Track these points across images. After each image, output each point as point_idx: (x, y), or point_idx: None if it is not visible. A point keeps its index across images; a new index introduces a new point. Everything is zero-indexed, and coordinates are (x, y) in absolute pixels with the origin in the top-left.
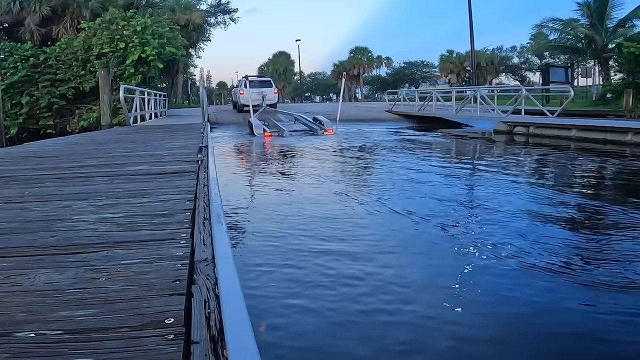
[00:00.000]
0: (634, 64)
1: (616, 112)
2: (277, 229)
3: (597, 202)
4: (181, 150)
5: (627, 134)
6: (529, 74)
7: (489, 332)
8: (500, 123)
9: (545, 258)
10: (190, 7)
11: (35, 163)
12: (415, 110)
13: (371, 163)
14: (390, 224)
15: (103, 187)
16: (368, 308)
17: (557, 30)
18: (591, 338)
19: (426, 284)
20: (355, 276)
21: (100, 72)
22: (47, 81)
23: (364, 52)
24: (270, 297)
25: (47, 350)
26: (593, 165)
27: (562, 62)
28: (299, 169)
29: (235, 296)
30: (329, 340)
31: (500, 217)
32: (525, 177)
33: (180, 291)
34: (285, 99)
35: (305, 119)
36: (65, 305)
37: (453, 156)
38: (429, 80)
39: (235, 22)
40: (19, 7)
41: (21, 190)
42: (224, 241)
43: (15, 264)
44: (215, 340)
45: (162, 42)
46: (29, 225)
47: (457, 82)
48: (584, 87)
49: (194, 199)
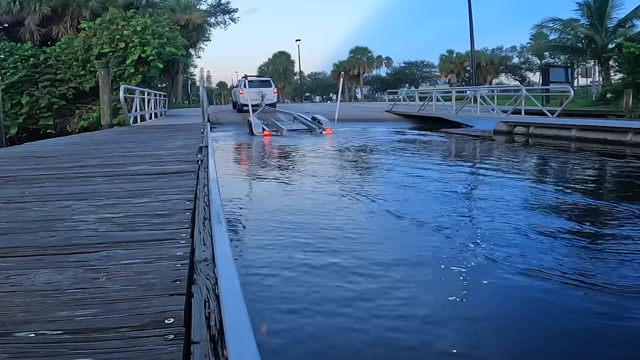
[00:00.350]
0: (634, 64)
1: (616, 112)
2: (276, 227)
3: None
4: (181, 150)
5: (627, 134)
6: (529, 74)
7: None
8: (500, 123)
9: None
10: (190, 7)
11: (35, 163)
12: (415, 110)
13: (368, 162)
14: (390, 226)
15: (103, 187)
16: (369, 305)
17: (557, 30)
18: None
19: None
20: (355, 273)
21: (100, 72)
22: (47, 81)
23: (364, 52)
24: (270, 295)
25: (47, 350)
26: (600, 165)
27: (562, 62)
28: (296, 168)
29: (235, 296)
30: (330, 339)
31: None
32: (526, 175)
33: (180, 291)
34: (285, 99)
35: (304, 118)
36: (65, 305)
37: (453, 156)
38: (429, 80)
39: (235, 22)
40: (19, 7)
41: (21, 190)
42: (223, 241)
43: (15, 264)
44: (215, 340)
45: (162, 42)
46: (29, 225)
47: (457, 82)
48: (584, 87)
49: (194, 199)
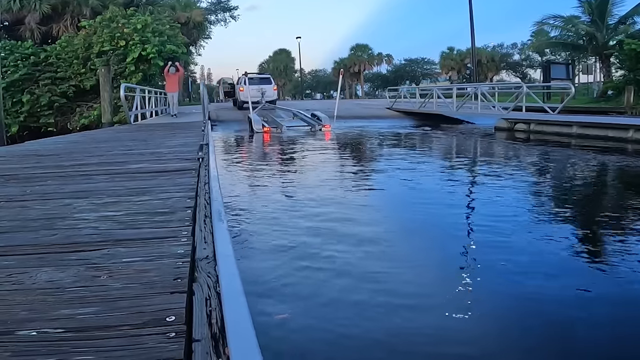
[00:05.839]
0: (635, 61)
1: (617, 109)
2: (276, 222)
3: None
4: (182, 148)
5: (629, 131)
6: (530, 71)
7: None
8: (501, 120)
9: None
10: (190, 5)
11: (37, 161)
12: (416, 108)
13: (365, 156)
14: (390, 216)
15: (104, 186)
16: (369, 300)
17: (558, 28)
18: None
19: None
20: (354, 267)
21: (101, 70)
22: (47, 79)
23: (365, 50)
24: (270, 294)
25: (48, 349)
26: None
27: (563, 59)
28: (295, 163)
29: (236, 294)
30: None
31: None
32: (525, 173)
33: (182, 289)
34: (286, 96)
35: (303, 114)
36: (67, 303)
37: (454, 153)
38: (430, 77)
39: (235, 19)
40: (19, 5)
41: (22, 188)
42: (225, 239)
43: (16, 263)
44: (216, 338)
45: (162, 40)
46: (31, 224)
47: (457, 79)
48: (585, 84)
49: (195, 196)
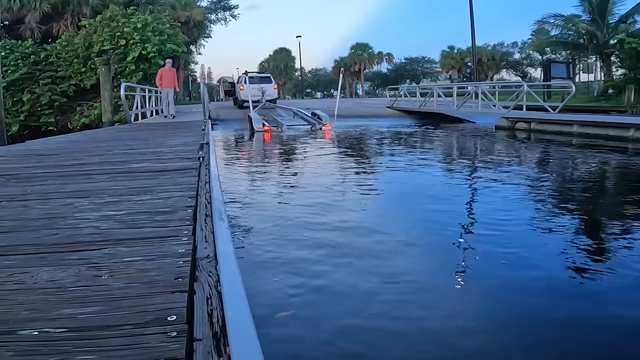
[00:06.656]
0: (635, 60)
1: (618, 107)
2: (276, 221)
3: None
4: (182, 147)
5: (629, 130)
6: (530, 69)
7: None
8: (502, 119)
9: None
10: (190, 4)
11: (37, 161)
12: (417, 106)
13: (365, 155)
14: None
15: (105, 185)
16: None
17: (559, 26)
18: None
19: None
20: (353, 265)
21: (101, 69)
22: (48, 78)
23: (365, 48)
24: (271, 293)
25: (50, 348)
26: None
27: (564, 58)
28: (295, 161)
29: (237, 293)
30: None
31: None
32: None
33: (183, 288)
34: (286, 95)
35: (303, 113)
36: (68, 303)
37: (455, 152)
38: (430, 76)
39: (235, 18)
40: (20, 4)
41: (23, 188)
42: (225, 238)
43: (18, 262)
44: (217, 337)
45: (162, 39)
46: (32, 223)
47: (458, 78)
48: (585, 83)
49: (195, 196)
